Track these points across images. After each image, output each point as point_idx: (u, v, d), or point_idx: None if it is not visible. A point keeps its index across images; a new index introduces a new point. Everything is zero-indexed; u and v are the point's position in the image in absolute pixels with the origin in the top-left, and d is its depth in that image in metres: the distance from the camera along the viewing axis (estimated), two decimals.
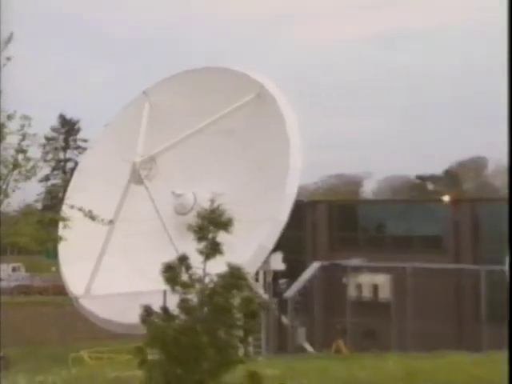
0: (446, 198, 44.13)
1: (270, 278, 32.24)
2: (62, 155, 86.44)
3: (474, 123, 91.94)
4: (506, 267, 34.89)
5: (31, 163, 15.63)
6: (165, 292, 13.35)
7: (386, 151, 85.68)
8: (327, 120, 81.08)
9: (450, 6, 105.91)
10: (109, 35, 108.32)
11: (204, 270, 12.98)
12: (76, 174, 36.46)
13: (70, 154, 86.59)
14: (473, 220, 41.54)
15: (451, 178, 69.79)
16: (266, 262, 31.01)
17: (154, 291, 13.73)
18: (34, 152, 15.83)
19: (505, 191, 65.15)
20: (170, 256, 13.29)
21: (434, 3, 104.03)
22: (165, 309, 13.10)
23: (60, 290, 33.91)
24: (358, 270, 38.64)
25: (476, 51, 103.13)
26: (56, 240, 18.62)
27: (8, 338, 25.64)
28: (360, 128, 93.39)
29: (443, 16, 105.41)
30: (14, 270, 59.07)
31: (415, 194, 66.54)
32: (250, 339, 15.33)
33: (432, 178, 71.06)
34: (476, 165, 74.53)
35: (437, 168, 70.60)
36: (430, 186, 69.24)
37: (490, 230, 39.90)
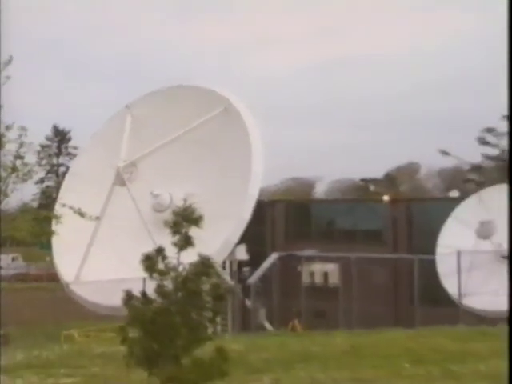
0: (386, 198, 44.36)
1: (235, 267, 32.28)
2: (55, 161, 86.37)
3: (409, 135, 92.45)
4: (435, 256, 35.17)
5: (28, 168, 15.56)
6: (144, 279, 13.27)
7: (335, 158, 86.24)
8: (285, 131, 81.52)
9: (395, 34, 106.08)
10: (95, 59, 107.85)
11: (178, 259, 12.95)
12: (67, 177, 36.29)
13: (62, 159, 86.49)
14: (407, 216, 41.80)
15: (389, 180, 70.15)
16: (232, 252, 31.08)
17: (135, 278, 13.65)
18: (30, 158, 15.77)
19: (435, 192, 65.87)
20: (149, 248, 13.24)
21: (381, 33, 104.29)
22: (144, 293, 13.06)
23: (53, 277, 33.81)
24: (310, 259, 38.75)
25: (415, 74, 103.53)
26: (49, 234, 18.54)
27: (8, 319, 25.61)
28: (313, 138, 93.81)
29: (388, 44, 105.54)
30: (13, 259, 59.01)
31: (359, 194, 66.84)
32: (218, 319, 15.28)
33: (373, 181, 71.39)
34: (410, 169, 75.06)
35: (377, 172, 71.06)
36: (372, 188, 69.53)
37: (421, 225, 40.17)
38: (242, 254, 32.34)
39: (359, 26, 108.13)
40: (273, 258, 35.70)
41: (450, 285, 33.72)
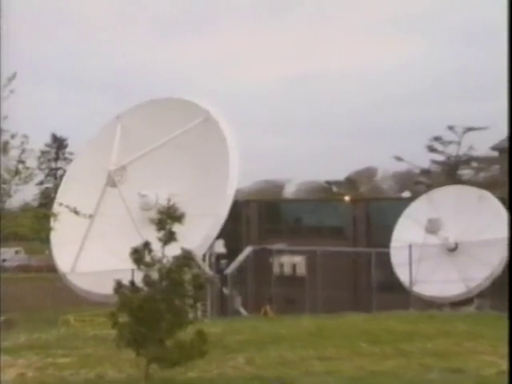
0: (347, 198, 44.51)
1: (213, 259, 32.22)
2: (53, 165, 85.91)
3: (368, 143, 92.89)
4: (390, 249, 35.32)
5: (29, 171, 15.53)
6: (132, 270, 13.29)
7: (303, 163, 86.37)
8: (258, 139, 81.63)
9: (354, 55, 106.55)
10: (89, 74, 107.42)
11: (163, 252, 12.98)
12: (64, 179, 36.11)
13: (59, 164, 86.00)
14: (366, 214, 41.92)
15: (350, 182, 70.24)
16: (211, 246, 31.04)
17: (124, 269, 13.62)
18: (31, 162, 15.76)
19: (390, 193, 66.18)
20: (137, 242, 13.28)
21: (343, 53, 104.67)
22: (132, 283, 13.07)
23: (52, 268, 33.63)
24: (280, 252, 38.77)
25: (373, 90, 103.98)
26: (48, 230, 18.51)
27: (11, 306, 25.57)
28: (283, 145, 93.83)
29: (349, 63, 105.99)
30: (16, 252, 58.83)
31: (324, 194, 66.85)
32: (198, 306, 15.33)
33: (336, 183, 71.49)
34: (368, 173, 75.24)
35: (340, 175, 71.08)
36: (335, 189, 69.63)
37: (378, 221, 40.31)
38: (220, 247, 32.38)
39: (324, 46, 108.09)
40: (247, 251, 35.74)
41: (402, 274, 33.86)
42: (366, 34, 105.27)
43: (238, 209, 34.66)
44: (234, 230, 34.55)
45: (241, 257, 34.87)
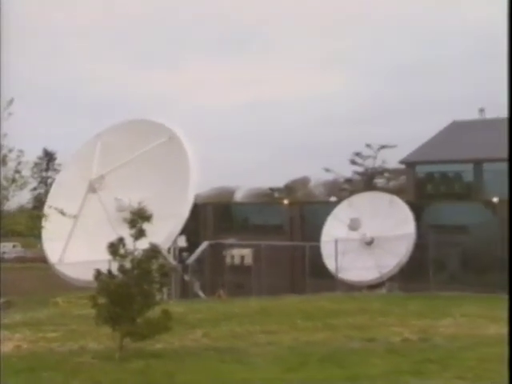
0: (285, 202, 44.49)
1: (177, 252, 32.06)
2: (44, 174, 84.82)
3: (303, 157, 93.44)
4: (320, 243, 35.48)
5: (24, 179, 15.39)
6: (109, 261, 13.15)
7: (250, 173, 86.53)
8: (214, 153, 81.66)
9: (297, 83, 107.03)
10: (72, 99, 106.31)
11: (134, 246, 12.89)
12: (54, 186, 35.67)
13: (50, 173, 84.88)
14: (301, 215, 41.94)
15: (288, 189, 70.35)
16: (175, 241, 30.93)
17: (103, 260, 13.47)
18: (26, 172, 15.66)
19: (320, 197, 66.62)
20: (113, 238, 13.15)
21: (289, 80, 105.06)
22: (109, 271, 12.94)
23: (43, 259, 33.22)
24: (231, 246, 38.66)
25: (309, 113, 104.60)
26: (40, 228, 18.39)
27: (10, 290, 25.37)
28: (234, 158, 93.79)
29: (295, 90, 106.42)
30: (13, 246, 58.11)
31: (267, 199, 66.78)
32: (164, 290, 15.21)
33: (277, 189, 71.48)
34: (303, 181, 75.54)
35: (280, 183, 71.26)
36: (276, 194, 69.60)
37: (311, 221, 40.28)
38: (182, 242, 32.26)
39: (270, 77, 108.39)
40: (204, 245, 35.54)
41: (330, 263, 34.03)
42: (303, 67, 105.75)
43: (196, 210, 34.52)
44: (193, 227, 34.42)
45: (199, 250, 34.70)
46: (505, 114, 45.61)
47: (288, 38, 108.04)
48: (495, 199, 35.86)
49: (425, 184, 43.92)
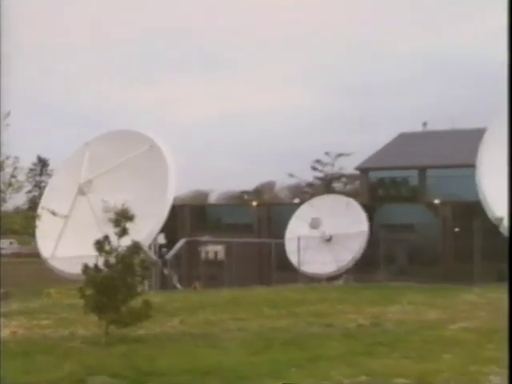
0: (254, 203, 44.57)
1: (157, 248, 31.90)
2: (38, 179, 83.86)
3: (270, 163, 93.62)
4: (285, 240, 35.53)
5: (19, 183, 15.29)
6: (96, 256, 13.08)
7: (223, 178, 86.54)
8: (190, 160, 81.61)
9: (268, 98, 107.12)
10: (67, 110, 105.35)
11: (118, 243, 12.83)
12: (46, 190, 35.31)
13: (43, 178, 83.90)
14: (268, 215, 41.98)
15: (257, 192, 70.42)
16: (155, 239, 30.80)
17: (90, 255, 13.38)
18: (21, 177, 15.59)
19: (285, 199, 66.75)
20: (99, 236, 13.08)
21: (259, 97, 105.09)
22: (96, 265, 12.85)
23: (37, 255, 32.89)
24: (206, 243, 38.53)
25: (277, 125, 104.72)
26: (34, 226, 18.26)
27: (7, 282, 25.07)
28: (209, 164, 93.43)
29: (266, 103, 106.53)
30: (10, 243, 57.23)
31: (238, 201, 66.73)
32: (145, 282, 15.17)
33: (247, 192, 71.44)
34: (270, 185, 75.65)
35: (249, 187, 71.34)
36: (246, 197, 69.55)
37: (276, 220, 40.33)
38: (162, 239, 32.14)
39: (241, 93, 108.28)
40: (182, 242, 35.33)
41: (293, 258, 34.12)
42: (269, 84, 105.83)
43: (175, 211, 34.32)
44: (171, 226, 34.20)
45: (177, 246, 34.50)
46: (445, 126, 46.30)
47: (255, 57, 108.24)
48: (437, 201, 36.32)
49: (376, 188, 44.29)
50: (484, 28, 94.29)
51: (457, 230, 34.17)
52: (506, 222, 24.88)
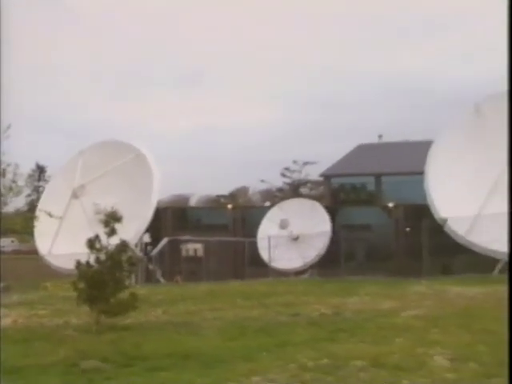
0: (230, 206, 44.57)
1: (142, 246, 31.74)
2: (36, 184, 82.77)
3: (232, 170, 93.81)
4: (257, 239, 35.53)
5: (19, 188, 15.15)
6: (88, 253, 13.01)
7: (201, 183, 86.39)
8: (172, 168, 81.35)
9: (243, 112, 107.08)
10: (62, 122, 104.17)
11: (108, 242, 12.78)
12: (44, 194, 34.97)
13: (41, 183, 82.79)
14: (242, 216, 42.04)
15: (232, 196, 70.13)
16: (141, 238, 30.65)
17: (83, 253, 13.30)
18: (21, 182, 15.47)
19: (257, 203, 66.75)
20: (91, 235, 13.02)
21: (234, 111, 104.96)
22: (87, 262, 12.79)
23: (35, 252, 32.55)
24: (187, 241, 38.44)
25: (251, 137, 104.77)
26: (33, 227, 18.09)
27: (8, 276, 24.88)
28: (189, 171, 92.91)
29: (239, 117, 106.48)
30: (12, 241, 56.37)
31: (215, 204, 66.45)
32: (132, 276, 15.11)
33: (223, 196, 71.01)
34: (244, 190, 75.52)
35: (225, 191, 71.17)
36: (222, 200, 69.25)
37: (250, 221, 40.39)
38: (147, 238, 32.07)
39: (217, 109, 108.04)
40: (165, 240, 35.21)
41: (264, 255, 34.20)
42: (245, 99, 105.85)
43: (158, 213, 34.21)
44: (155, 226, 34.08)
45: (160, 244, 34.39)
46: (398, 139, 46.76)
47: (231, 76, 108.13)
48: (391, 204, 36.65)
49: (338, 192, 44.54)
50: (441, 53, 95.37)
51: (408, 229, 34.53)
52: (449, 223, 25.24)
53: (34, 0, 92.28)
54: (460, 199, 24.76)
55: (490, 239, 23.56)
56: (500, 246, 23.16)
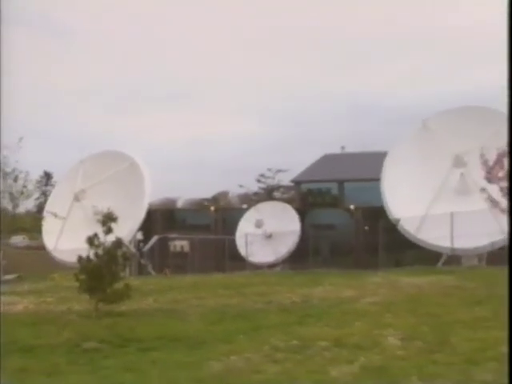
0: (212, 208, 44.45)
1: (135, 243, 31.60)
2: (44, 188, 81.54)
3: (223, 178, 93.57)
4: (235, 237, 35.50)
5: (30, 192, 15.22)
6: (88, 249, 12.98)
7: (188, 187, 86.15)
8: (161, 175, 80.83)
9: (226, 127, 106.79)
10: (65, 134, 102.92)
11: (105, 239, 12.75)
12: (50, 197, 34.64)
13: (48, 188, 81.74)
14: (222, 217, 41.97)
15: (214, 199, 69.90)
16: (134, 236, 30.56)
17: (84, 248, 13.26)
18: (31, 187, 15.50)
19: (236, 205, 66.63)
20: (90, 233, 12.99)
21: (220, 123, 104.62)
22: (87, 256, 12.77)
23: (43, 247, 32.29)
24: (174, 239, 38.22)
25: (230, 148, 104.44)
26: (41, 226, 18.04)
27: (20, 269, 24.74)
28: (176, 178, 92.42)
29: (222, 130, 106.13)
30: (23, 238, 55.48)
31: (199, 206, 66.15)
32: (126, 269, 15.07)
33: (206, 200, 70.76)
34: (224, 194, 75.45)
35: (206, 195, 71.02)
36: (206, 203, 69.04)
37: (229, 221, 40.22)
38: (139, 236, 31.95)
39: (203, 123, 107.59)
40: (155, 238, 35.01)
41: (242, 251, 34.22)
42: (228, 114, 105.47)
43: (149, 214, 34.04)
44: (147, 226, 33.90)
45: (151, 241, 34.21)
46: (358, 150, 47.21)
47: (216, 93, 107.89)
48: (352, 207, 36.96)
49: (306, 196, 44.71)
50: (396, 76, 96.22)
51: (366, 228, 34.84)
52: (401, 223, 25.58)
53: (34, 23, 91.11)
54: (410, 202, 25.13)
55: (435, 236, 23.95)
56: (443, 242, 23.60)
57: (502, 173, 13.40)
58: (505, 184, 13.41)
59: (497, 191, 13.84)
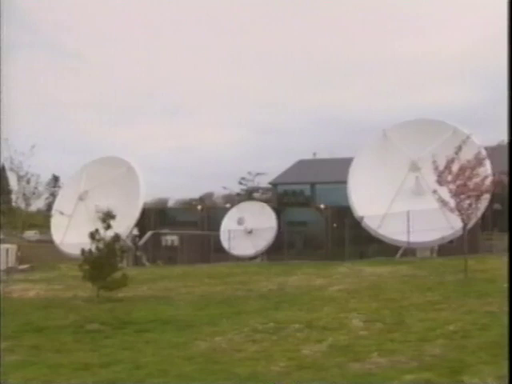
0: (199, 207, 44.26)
1: (132, 237, 31.43)
2: (52, 190, 79.98)
3: (210, 181, 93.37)
4: (220, 233, 35.41)
5: (40, 193, 15.20)
6: (90, 243, 12.93)
7: (178, 189, 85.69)
8: (155, 178, 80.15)
9: (214, 135, 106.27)
10: (69, 143, 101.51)
11: (105, 234, 12.72)
12: (58, 197, 34.17)
13: (56, 189, 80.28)
14: (208, 215, 41.70)
15: (201, 200, 69.46)
16: (131, 231, 30.35)
17: (87, 242, 13.22)
18: (41, 188, 15.44)
19: (221, 205, 66.39)
20: (92, 229, 12.97)
21: (206, 134, 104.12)
22: (90, 250, 12.73)
23: (52, 241, 31.96)
24: (166, 234, 37.99)
25: (217, 155, 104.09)
26: (50, 222, 17.93)
27: (33, 260, 24.50)
28: (167, 181, 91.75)
29: (208, 139, 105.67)
30: (35, 233, 54.61)
31: (188, 206, 65.68)
32: (123, 261, 15.03)
33: (195, 200, 70.36)
34: (210, 195, 75.03)
35: (196, 195, 70.60)
36: (194, 203, 68.62)
37: (214, 218, 39.86)
38: (135, 231, 31.79)
39: (192, 135, 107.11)
40: (149, 233, 34.81)
41: (225, 244, 34.16)
42: (214, 125, 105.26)
43: (144, 212, 33.82)
44: (142, 223, 33.69)
45: (146, 236, 34.01)
46: (328, 156, 47.55)
47: (202, 108, 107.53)
48: (322, 206, 37.20)
49: (283, 197, 44.79)
50: (363, 90, 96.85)
51: (335, 225, 35.08)
52: (365, 220, 25.84)
53: (41, 47, 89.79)
54: (372, 202, 25.42)
55: (393, 232, 24.26)
56: (401, 237, 23.93)
57: (451, 177, 13.76)
58: (453, 186, 13.79)
59: (446, 193, 14.14)
